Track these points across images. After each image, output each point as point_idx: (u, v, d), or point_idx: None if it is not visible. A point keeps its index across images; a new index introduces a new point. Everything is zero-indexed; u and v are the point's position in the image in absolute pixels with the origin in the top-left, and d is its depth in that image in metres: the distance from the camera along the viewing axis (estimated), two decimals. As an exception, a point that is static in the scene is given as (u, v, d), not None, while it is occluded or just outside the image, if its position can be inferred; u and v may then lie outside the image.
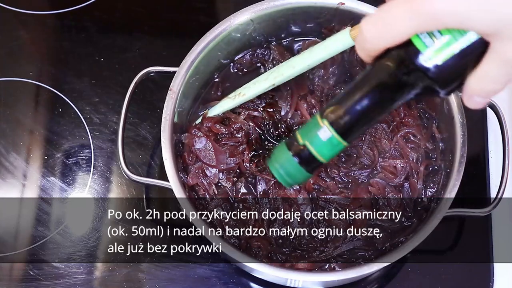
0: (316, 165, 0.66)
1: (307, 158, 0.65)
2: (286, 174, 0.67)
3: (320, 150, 0.64)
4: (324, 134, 0.63)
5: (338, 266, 0.82)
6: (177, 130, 0.86)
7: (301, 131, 0.66)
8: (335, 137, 0.63)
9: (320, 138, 0.63)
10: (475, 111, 0.94)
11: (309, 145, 0.64)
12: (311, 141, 0.64)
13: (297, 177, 0.67)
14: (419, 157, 0.86)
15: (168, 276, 0.90)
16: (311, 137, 0.64)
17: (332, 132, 0.62)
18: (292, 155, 0.66)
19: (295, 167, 0.66)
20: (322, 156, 0.64)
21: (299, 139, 0.65)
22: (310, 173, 0.67)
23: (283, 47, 0.93)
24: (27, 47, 1.05)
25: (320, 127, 0.63)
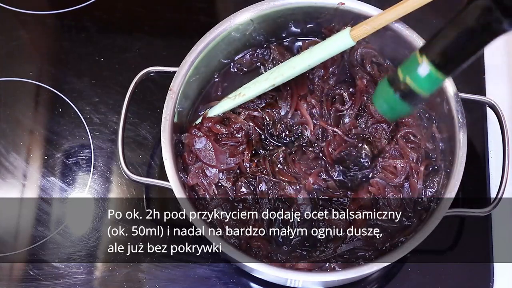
0: (418, 99, 0.69)
1: (408, 93, 0.68)
2: (389, 109, 0.71)
3: (420, 85, 0.67)
4: (423, 71, 0.66)
5: (338, 266, 0.82)
6: (177, 130, 0.86)
7: (402, 68, 0.68)
8: (434, 73, 0.65)
9: (420, 74, 0.66)
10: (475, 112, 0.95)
11: (409, 81, 0.67)
12: (411, 77, 0.67)
13: (400, 111, 0.71)
14: (419, 157, 0.86)
15: (168, 276, 0.90)
16: (411, 73, 0.67)
17: (432, 68, 0.65)
18: (394, 91, 0.69)
19: (398, 102, 0.69)
20: (423, 90, 0.67)
21: (399, 76, 0.68)
22: (413, 107, 0.70)
23: (283, 47, 0.93)
24: (27, 47, 1.05)
25: (419, 64, 0.65)
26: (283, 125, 0.89)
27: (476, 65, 1.00)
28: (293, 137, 0.89)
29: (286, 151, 0.87)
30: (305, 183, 0.85)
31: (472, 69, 0.99)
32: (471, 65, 0.99)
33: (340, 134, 0.88)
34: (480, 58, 1.00)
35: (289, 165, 0.86)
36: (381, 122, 0.88)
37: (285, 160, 0.86)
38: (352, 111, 0.89)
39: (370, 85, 0.89)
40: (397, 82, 0.69)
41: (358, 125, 0.89)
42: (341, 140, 0.88)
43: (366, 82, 0.89)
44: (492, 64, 1.01)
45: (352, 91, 0.90)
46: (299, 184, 0.85)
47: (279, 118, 0.89)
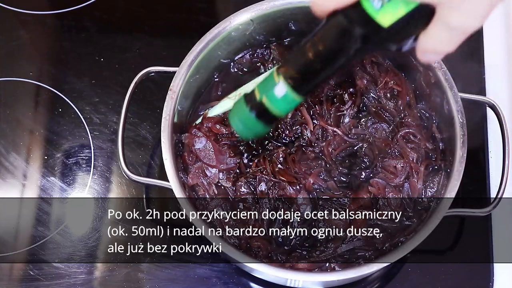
0: (272, 118, 0.68)
1: (264, 113, 0.67)
2: (244, 128, 0.70)
3: (276, 105, 0.66)
4: (279, 91, 0.65)
5: (338, 266, 0.82)
6: (177, 130, 0.86)
7: (259, 86, 0.67)
8: (290, 94, 0.64)
9: (276, 94, 0.65)
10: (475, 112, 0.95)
11: (266, 100, 0.66)
12: (267, 97, 0.66)
13: (256, 130, 0.70)
14: (419, 157, 0.86)
15: (168, 276, 0.90)
16: (267, 93, 0.66)
17: (287, 89, 0.64)
18: (250, 110, 0.68)
19: (253, 121, 0.68)
20: (278, 110, 0.67)
21: (256, 95, 0.67)
22: (268, 126, 0.69)
23: (283, 47, 0.93)
24: (27, 47, 1.05)
25: (275, 83, 0.64)
26: (283, 125, 0.89)
27: (476, 65, 1.00)
28: (293, 137, 0.89)
29: (286, 151, 0.87)
30: (305, 183, 0.85)
31: (472, 69, 0.99)
32: (471, 65, 1.00)
33: (340, 134, 0.88)
34: (480, 58, 1.00)
35: (289, 165, 0.86)
36: (381, 122, 0.88)
37: (285, 160, 0.86)
38: (352, 111, 0.89)
39: (370, 85, 0.89)
40: (254, 100, 0.67)
41: (358, 125, 0.89)
42: (341, 140, 0.88)
43: (366, 82, 0.89)
44: (492, 64, 1.01)
45: (352, 91, 0.90)
46: (299, 184, 0.85)
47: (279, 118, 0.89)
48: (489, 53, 1.01)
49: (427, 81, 0.86)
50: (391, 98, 0.89)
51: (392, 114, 0.88)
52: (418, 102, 0.89)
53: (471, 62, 1.00)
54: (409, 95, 0.89)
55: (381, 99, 0.89)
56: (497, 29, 1.03)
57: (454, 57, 0.66)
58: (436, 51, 0.61)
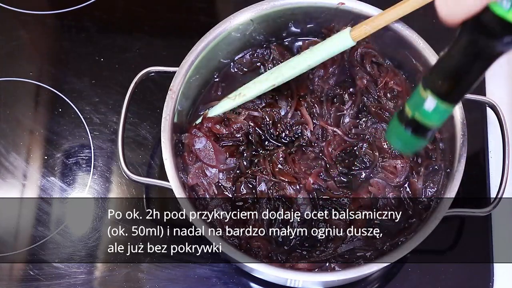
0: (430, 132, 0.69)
1: (419, 128, 0.68)
2: (404, 145, 0.71)
3: (430, 118, 0.66)
4: (430, 105, 0.65)
5: (338, 266, 0.82)
6: (177, 130, 0.86)
7: (408, 104, 0.68)
8: (440, 105, 0.65)
9: (427, 109, 0.65)
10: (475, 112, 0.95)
11: (418, 116, 0.67)
12: (420, 112, 0.66)
13: (415, 145, 0.70)
14: (419, 157, 0.86)
15: (168, 276, 0.90)
16: (418, 109, 0.66)
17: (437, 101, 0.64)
18: (405, 127, 0.68)
19: (411, 138, 0.69)
20: (434, 123, 0.67)
21: (408, 113, 0.68)
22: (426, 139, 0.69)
23: (283, 47, 0.93)
24: (27, 47, 1.05)
25: (424, 99, 0.65)
26: (283, 125, 0.89)
27: (476, 65, 1.00)
28: (293, 137, 0.89)
29: (286, 151, 0.87)
30: (305, 183, 0.85)
31: (472, 69, 0.99)
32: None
33: (340, 134, 0.88)
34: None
35: (289, 165, 0.86)
36: (381, 122, 0.88)
37: (285, 160, 0.86)
38: (352, 111, 0.89)
39: (370, 85, 0.89)
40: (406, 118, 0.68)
41: (358, 125, 0.89)
42: (341, 140, 0.88)
43: (366, 82, 0.89)
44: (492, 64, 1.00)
45: (352, 91, 0.90)
46: (299, 184, 0.85)
47: (279, 118, 0.89)
48: (489, 53, 1.01)
49: None
50: (391, 98, 0.89)
51: (392, 114, 0.88)
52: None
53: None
54: (409, 95, 0.89)
55: (381, 99, 0.89)
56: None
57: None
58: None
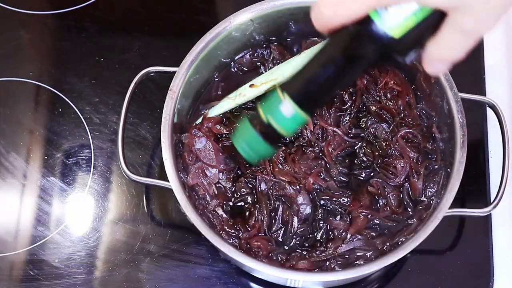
0: (279, 139, 0.66)
1: (271, 134, 0.65)
2: (250, 150, 0.68)
3: (283, 125, 0.64)
4: (286, 109, 0.62)
5: (338, 266, 0.82)
6: (177, 130, 0.86)
7: (263, 107, 0.65)
8: (298, 112, 0.62)
9: (283, 113, 0.63)
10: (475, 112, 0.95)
11: (272, 121, 0.64)
12: (274, 117, 0.63)
13: (262, 152, 0.68)
14: (419, 157, 0.86)
15: (168, 276, 0.90)
16: (273, 113, 0.63)
17: (294, 107, 0.62)
18: (255, 131, 0.66)
19: (260, 143, 0.66)
20: (286, 131, 0.64)
21: (262, 116, 0.64)
22: (275, 147, 0.67)
23: (283, 47, 0.93)
24: (27, 47, 1.05)
25: (281, 101, 0.62)
26: (283, 125, 0.89)
27: (476, 65, 1.00)
28: (293, 137, 0.89)
29: (286, 151, 0.87)
30: (305, 183, 0.85)
31: (472, 69, 0.99)
32: (471, 65, 1.00)
33: (340, 134, 0.88)
34: (480, 58, 1.00)
35: (289, 165, 0.86)
36: (381, 122, 0.88)
37: (285, 160, 0.86)
38: (352, 111, 0.89)
39: (370, 85, 0.89)
40: (259, 122, 0.65)
41: (358, 125, 0.89)
42: (341, 140, 0.88)
43: (366, 82, 0.89)
44: (492, 64, 1.01)
45: (352, 91, 0.90)
46: (299, 184, 0.85)
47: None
48: (489, 53, 1.01)
49: (427, 81, 0.86)
50: (391, 98, 0.89)
51: (392, 114, 0.88)
52: (418, 102, 0.89)
53: (471, 62, 1.00)
54: (409, 95, 0.89)
55: (381, 99, 0.89)
56: (497, 29, 1.03)
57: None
58: (446, 58, 0.59)
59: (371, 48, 0.58)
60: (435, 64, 0.61)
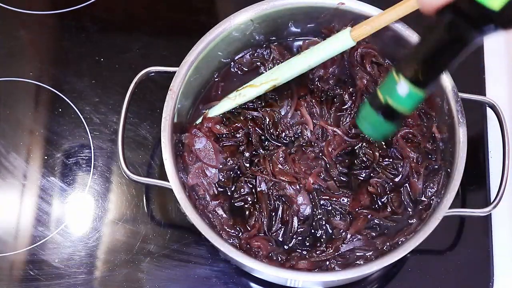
0: (401, 117, 0.69)
1: (391, 113, 0.68)
2: (375, 130, 0.72)
3: (402, 103, 0.67)
4: (402, 89, 0.66)
5: (338, 266, 0.82)
6: (177, 130, 0.86)
7: (381, 89, 0.68)
8: (413, 90, 0.65)
9: (399, 93, 0.66)
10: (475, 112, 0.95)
11: (390, 101, 0.67)
12: (392, 97, 0.67)
13: (386, 130, 0.71)
14: (419, 157, 0.86)
15: (168, 276, 0.90)
16: (390, 93, 0.67)
17: (409, 86, 0.65)
18: (376, 112, 0.69)
19: (382, 123, 0.70)
20: (405, 108, 0.67)
21: (380, 97, 0.68)
22: (397, 125, 0.71)
23: (283, 47, 0.93)
24: (27, 47, 1.05)
25: (397, 83, 0.65)
26: (283, 125, 0.89)
27: (476, 65, 1.00)
28: (293, 137, 0.89)
29: (286, 151, 0.87)
30: (305, 183, 0.85)
31: (472, 69, 0.99)
32: (471, 65, 1.00)
33: (340, 134, 0.88)
34: (480, 58, 1.00)
35: (289, 165, 0.86)
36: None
37: (285, 160, 0.86)
38: (352, 111, 0.89)
39: (370, 85, 0.89)
40: (379, 103, 0.69)
41: (358, 125, 0.89)
42: (341, 140, 0.88)
43: (366, 82, 0.89)
44: (492, 64, 1.01)
45: (352, 91, 0.90)
46: (299, 184, 0.85)
47: (279, 118, 0.89)
48: (489, 53, 1.01)
49: None
50: (391, 98, 0.89)
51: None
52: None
53: (471, 62, 1.00)
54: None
55: (381, 99, 0.89)
56: (497, 29, 1.03)
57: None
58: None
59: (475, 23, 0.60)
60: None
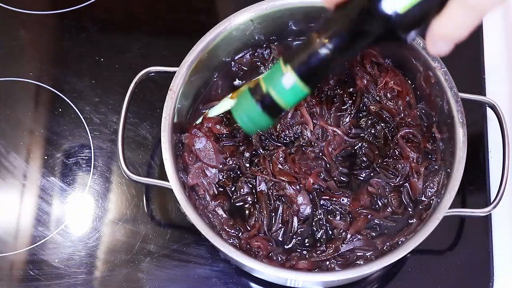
0: (278, 111, 0.66)
1: (270, 105, 0.65)
2: (249, 121, 0.68)
3: (283, 96, 0.64)
4: (287, 81, 0.62)
5: (338, 266, 0.82)
6: (177, 130, 0.86)
7: (264, 78, 0.65)
8: (298, 84, 0.62)
9: (284, 85, 0.63)
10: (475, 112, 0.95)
11: (272, 92, 0.64)
12: (274, 88, 0.64)
13: (260, 123, 0.67)
14: (419, 157, 0.86)
15: (168, 276, 0.90)
16: (274, 84, 0.63)
17: (295, 79, 0.62)
18: (255, 102, 0.65)
19: (258, 114, 0.66)
20: (285, 102, 0.64)
21: (262, 86, 0.64)
22: (273, 119, 0.67)
23: (283, 47, 0.93)
24: (27, 47, 1.05)
25: (283, 73, 0.62)
26: (283, 125, 0.89)
27: (476, 65, 1.00)
28: (293, 137, 0.89)
29: (286, 151, 0.87)
30: (305, 183, 0.85)
31: (472, 69, 0.99)
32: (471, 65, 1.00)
33: (340, 134, 0.88)
34: (480, 58, 1.00)
35: (289, 165, 0.86)
36: (381, 122, 0.88)
37: (285, 160, 0.86)
38: (352, 111, 0.89)
39: (370, 85, 0.89)
40: (260, 92, 0.65)
41: (358, 125, 0.89)
42: (341, 140, 0.88)
43: (366, 82, 0.89)
44: (492, 64, 1.01)
45: (352, 91, 0.90)
46: (299, 184, 0.85)
47: (279, 118, 0.89)
48: (489, 53, 1.01)
49: (427, 81, 0.86)
50: (391, 98, 0.89)
51: (392, 114, 0.88)
52: (418, 102, 0.89)
53: (471, 62, 1.00)
54: (409, 95, 0.89)
55: (381, 99, 0.89)
56: (497, 29, 1.03)
57: (454, 57, 0.66)
58: (450, 37, 0.59)
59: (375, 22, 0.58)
60: (438, 44, 0.60)
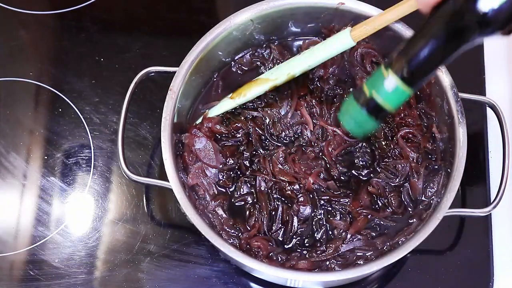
0: (384, 114, 0.69)
1: (375, 108, 0.68)
2: (356, 125, 0.71)
3: (387, 99, 0.66)
4: (389, 84, 0.65)
5: (338, 266, 0.82)
6: (177, 130, 0.86)
7: (367, 83, 0.67)
8: (400, 86, 0.65)
9: (386, 88, 0.65)
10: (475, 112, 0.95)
11: (376, 95, 0.66)
12: (377, 92, 0.66)
13: (367, 126, 0.71)
14: (419, 157, 0.86)
15: (168, 276, 0.90)
16: (377, 88, 0.66)
17: (398, 81, 0.64)
18: (361, 106, 0.68)
19: (365, 118, 0.69)
20: (389, 104, 0.67)
21: (365, 91, 0.67)
22: (378, 121, 0.70)
23: (283, 47, 0.93)
24: (27, 47, 1.05)
25: (384, 78, 0.65)
26: (283, 125, 0.89)
27: (476, 65, 1.00)
28: (293, 137, 0.89)
29: (286, 151, 0.87)
30: (305, 183, 0.85)
31: (472, 69, 0.99)
32: (471, 65, 1.00)
33: (340, 134, 0.88)
34: (480, 58, 1.00)
35: (289, 165, 0.86)
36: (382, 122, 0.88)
37: (285, 160, 0.86)
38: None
39: (370, 85, 0.89)
40: (363, 97, 0.68)
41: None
42: (341, 140, 0.88)
43: (366, 82, 0.89)
44: (492, 64, 1.01)
45: (352, 91, 0.90)
46: (299, 184, 0.85)
47: (279, 118, 0.89)
48: (489, 53, 1.01)
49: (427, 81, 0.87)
50: (391, 98, 0.89)
51: (392, 114, 0.88)
52: (418, 102, 0.89)
53: (471, 62, 1.00)
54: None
55: (381, 99, 0.89)
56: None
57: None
58: None
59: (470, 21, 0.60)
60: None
